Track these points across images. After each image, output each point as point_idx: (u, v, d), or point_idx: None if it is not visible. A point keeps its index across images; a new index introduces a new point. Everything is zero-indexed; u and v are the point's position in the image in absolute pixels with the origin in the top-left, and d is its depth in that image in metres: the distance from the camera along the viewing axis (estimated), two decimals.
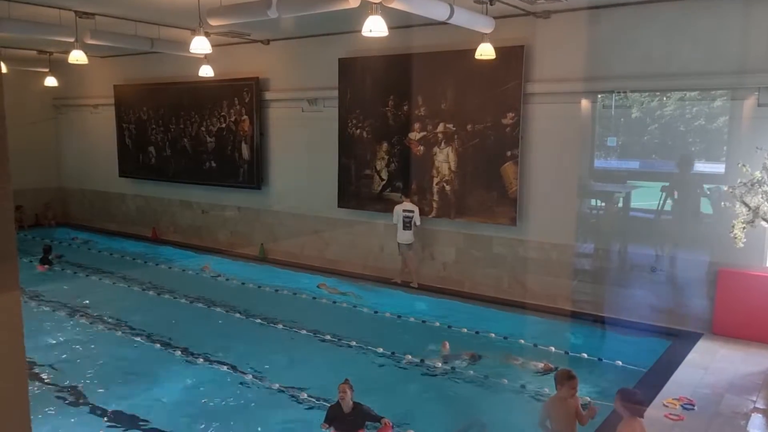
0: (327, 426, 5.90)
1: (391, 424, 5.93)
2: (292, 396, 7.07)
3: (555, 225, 9.76)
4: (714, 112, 8.53)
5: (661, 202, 9.04)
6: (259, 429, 6.39)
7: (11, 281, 1.03)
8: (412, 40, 10.66)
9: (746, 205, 7.18)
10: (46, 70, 14.89)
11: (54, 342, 8.77)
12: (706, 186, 8.74)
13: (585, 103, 9.41)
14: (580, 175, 9.55)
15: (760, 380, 6.97)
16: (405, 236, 10.85)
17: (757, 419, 6.07)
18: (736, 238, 7.21)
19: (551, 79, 9.60)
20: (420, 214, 10.86)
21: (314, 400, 6.90)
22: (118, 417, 6.53)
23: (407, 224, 10.78)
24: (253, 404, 6.94)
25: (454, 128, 10.45)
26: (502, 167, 10.02)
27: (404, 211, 10.85)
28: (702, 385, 6.80)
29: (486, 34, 9.00)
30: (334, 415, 5.94)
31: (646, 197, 9.39)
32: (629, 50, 8.90)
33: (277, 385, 7.31)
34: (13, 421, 1.05)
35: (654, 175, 9.28)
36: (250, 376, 7.57)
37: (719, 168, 8.57)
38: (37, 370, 7.48)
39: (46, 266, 12.89)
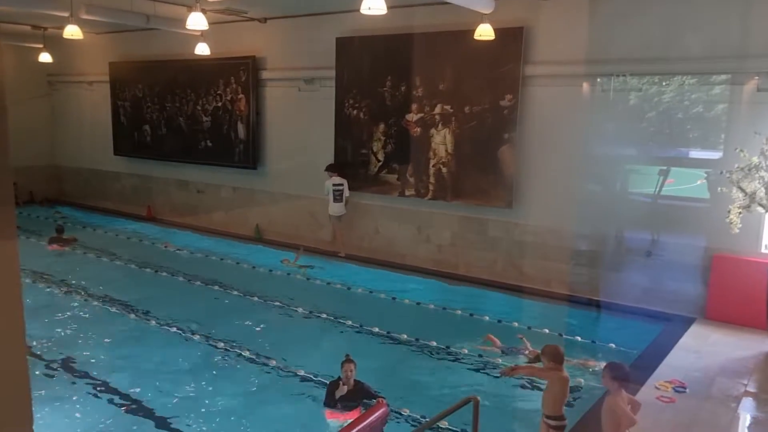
0: (333, 404, 5.86)
1: (385, 402, 5.95)
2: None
3: (551, 209, 9.76)
4: (713, 98, 8.50)
5: (658, 186, 9.04)
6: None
7: (8, 229, 1.01)
8: (411, 19, 10.57)
9: (743, 190, 7.20)
10: (41, 45, 14.73)
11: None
12: (703, 171, 8.74)
13: (584, 86, 9.37)
14: (577, 159, 9.52)
15: (752, 364, 7.02)
16: (335, 208, 11.70)
17: (747, 402, 6.11)
18: (731, 223, 7.23)
19: (550, 61, 9.54)
20: (416, 197, 10.92)
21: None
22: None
23: (338, 197, 11.60)
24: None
25: (452, 110, 10.40)
26: (499, 150, 9.99)
27: (334, 185, 11.61)
28: (694, 368, 6.84)
29: (485, 14, 8.95)
30: (335, 392, 5.94)
31: (642, 182, 9.38)
32: (629, 33, 8.84)
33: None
34: (10, 370, 1.05)
35: (651, 159, 9.25)
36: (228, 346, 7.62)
37: (717, 154, 8.57)
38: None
39: (61, 246, 12.64)
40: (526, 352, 7.53)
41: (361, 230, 11.97)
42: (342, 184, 11.61)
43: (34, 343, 7.57)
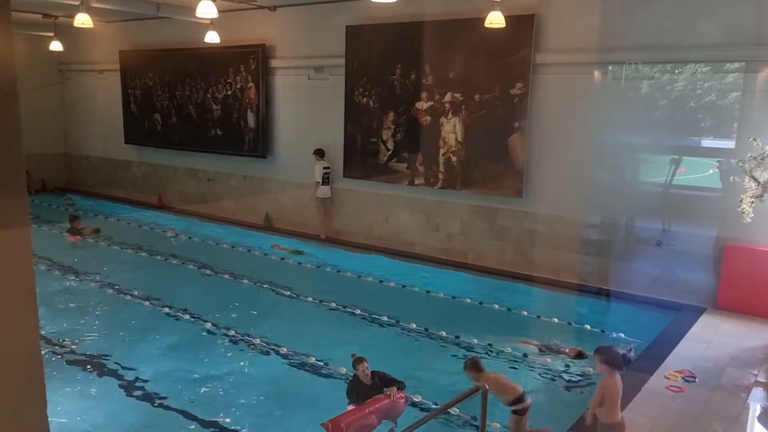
0: (360, 401, 5.87)
1: (403, 390, 5.97)
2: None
3: (561, 197, 9.72)
4: (726, 86, 8.40)
5: (669, 175, 8.97)
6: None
7: (21, 216, 1.02)
8: (421, 7, 10.52)
9: (755, 179, 7.14)
10: (51, 34, 14.77)
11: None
12: (715, 160, 8.66)
13: (595, 74, 9.30)
14: (588, 148, 9.47)
15: (762, 354, 6.98)
16: (324, 191, 12.20)
17: (758, 392, 6.09)
18: (743, 212, 7.18)
19: (561, 49, 9.46)
20: (426, 185, 10.95)
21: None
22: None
23: (326, 180, 12.14)
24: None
25: (462, 98, 10.36)
26: (509, 138, 9.95)
27: (324, 168, 12.12)
28: (704, 358, 6.82)
29: (496, 2, 8.86)
30: (356, 389, 5.96)
31: (654, 171, 9.31)
32: (642, 20, 8.75)
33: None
34: (24, 355, 1.07)
35: (663, 148, 9.18)
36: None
37: (729, 143, 8.48)
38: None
39: (77, 237, 12.53)
40: (567, 350, 7.36)
41: (370, 219, 11.98)
42: (329, 167, 12.14)
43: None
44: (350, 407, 5.78)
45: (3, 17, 1.10)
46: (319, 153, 12.13)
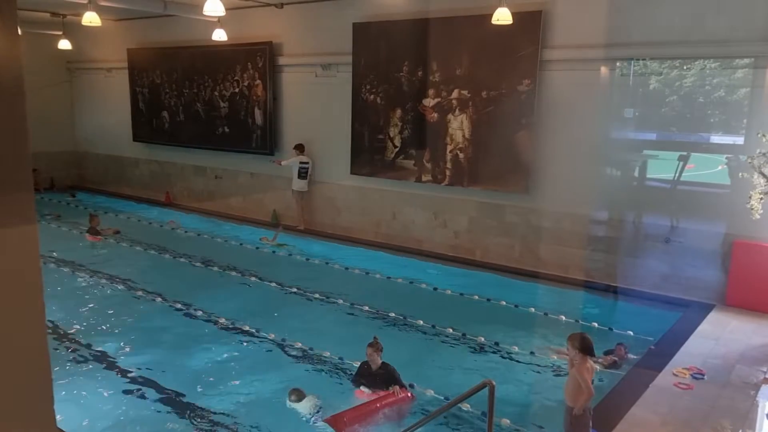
0: (357, 383, 6.04)
1: (407, 390, 6.01)
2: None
3: (568, 194, 9.68)
4: (735, 81, 8.35)
5: (678, 171, 8.93)
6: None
7: (28, 213, 1.04)
8: (428, 4, 10.50)
9: (764, 175, 7.08)
10: (60, 32, 14.85)
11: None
12: (724, 156, 8.61)
13: (603, 70, 9.25)
14: (596, 144, 9.44)
15: None
16: (300, 184, 12.66)
17: (767, 389, 6.06)
18: (752, 209, 7.12)
19: (569, 45, 9.42)
20: (433, 182, 10.95)
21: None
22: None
23: (303, 174, 12.54)
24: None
25: (469, 95, 10.34)
26: (517, 135, 9.92)
27: (301, 162, 12.51)
28: (713, 355, 6.80)
29: None
30: (362, 374, 6.12)
31: (662, 167, 9.27)
32: (650, 16, 8.70)
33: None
34: (31, 352, 1.08)
35: (671, 144, 9.13)
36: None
37: (738, 139, 8.43)
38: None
39: (97, 237, 12.45)
40: (599, 359, 6.74)
41: (377, 216, 11.98)
42: (308, 162, 12.56)
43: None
44: (356, 391, 5.91)
45: (9, 16, 1.11)
46: (299, 148, 12.54)
